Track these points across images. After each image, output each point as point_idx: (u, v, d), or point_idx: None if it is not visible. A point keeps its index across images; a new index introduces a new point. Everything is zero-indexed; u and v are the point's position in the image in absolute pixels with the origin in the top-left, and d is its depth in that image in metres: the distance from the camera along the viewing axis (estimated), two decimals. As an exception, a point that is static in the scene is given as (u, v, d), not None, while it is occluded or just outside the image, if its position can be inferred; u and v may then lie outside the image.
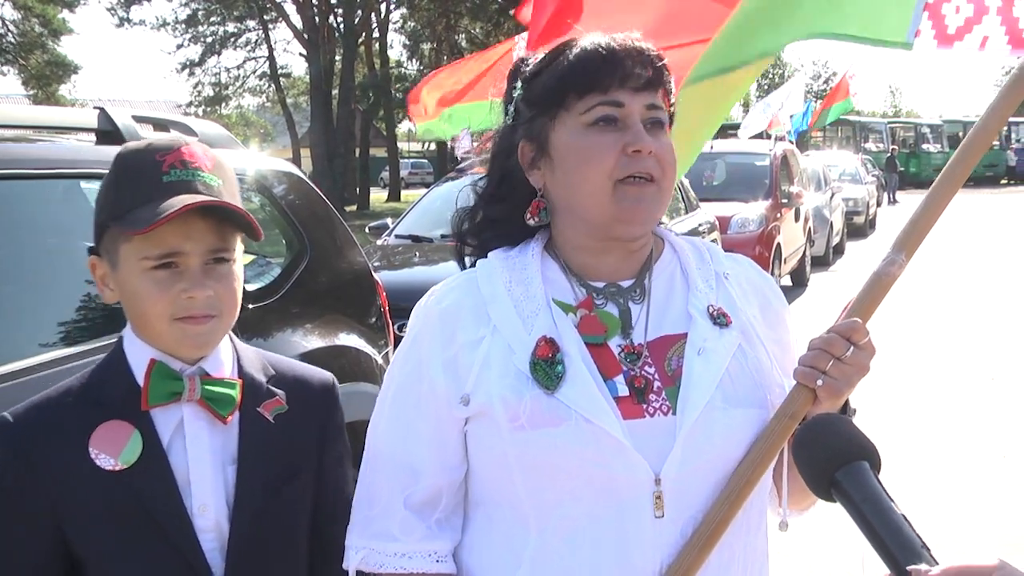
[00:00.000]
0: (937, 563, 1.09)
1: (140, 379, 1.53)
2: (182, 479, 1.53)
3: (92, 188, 3.37)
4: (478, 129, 11.88)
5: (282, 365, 1.70)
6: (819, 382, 1.45)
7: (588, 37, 1.52)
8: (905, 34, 2.08)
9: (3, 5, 35.32)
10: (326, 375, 1.74)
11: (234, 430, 1.58)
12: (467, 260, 1.62)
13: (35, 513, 1.50)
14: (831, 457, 1.22)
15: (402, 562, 1.50)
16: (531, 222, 1.56)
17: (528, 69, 1.57)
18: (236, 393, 1.57)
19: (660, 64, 1.51)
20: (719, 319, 1.52)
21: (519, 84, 1.57)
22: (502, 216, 1.59)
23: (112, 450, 1.50)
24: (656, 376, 1.47)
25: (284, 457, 1.61)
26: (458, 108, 11.28)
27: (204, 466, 1.55)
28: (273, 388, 1.64)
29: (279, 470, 1.60)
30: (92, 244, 1.61)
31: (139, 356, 1.55)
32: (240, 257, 1.61)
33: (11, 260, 2.88)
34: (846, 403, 1.52)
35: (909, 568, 1.09)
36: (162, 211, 1.46)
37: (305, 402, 1.66)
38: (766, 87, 49.12)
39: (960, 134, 43.09)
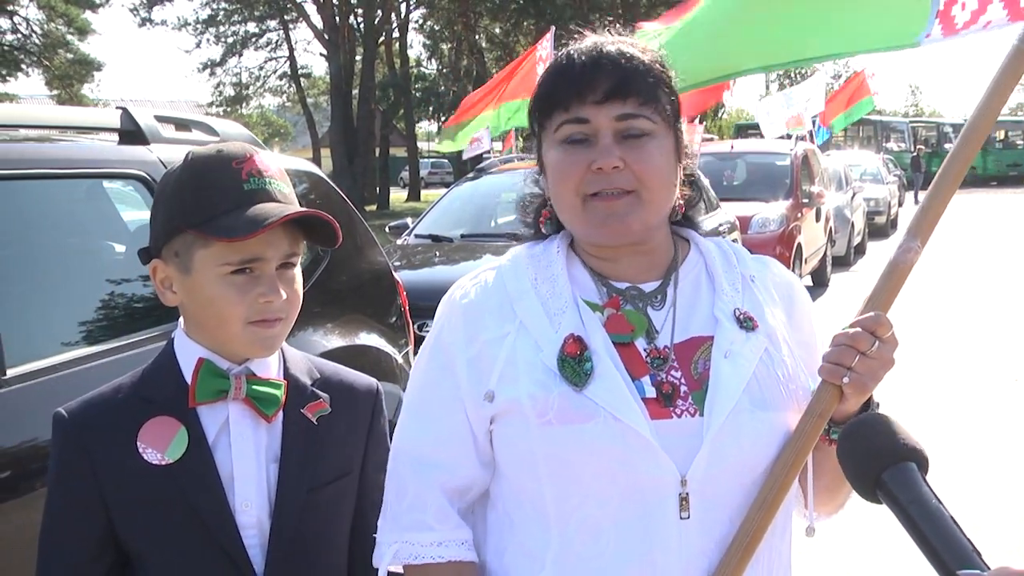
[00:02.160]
0: (988, 568, 1.06)
1: (188, 378, 1.58)
2: (226, 476, 1.56)
3: (114, 188, 3.39)
4: (507, 128, 11.89)
5: (328, 369, 1.73)
6: (845, 379, 1.43)
7: (565, 50, 1.53)
8: (915, 38, 2.10)
9: (27, 6, 35.62)
10: (371, 381, 1.77)
11: (278, 430, 1.61)
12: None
13: (87, 503, 1.54)
14: (877, 457, 1.19)
15: (439, 551, 1.50)
16: (543, 230, 1.60)
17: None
18: (281, 393, 1.61)
19: (627, 68, 1.46)
20: (745, 323, 1.51)
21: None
22: (539, 206, 1.63)
23: (159, 445, 1.54)
24: (683, 380, 1.47)
25: (327, 459, 1.64)
26: (481, 117, 11.32)
27: (248, 464, 1.58)
28: (317, 391, 1.67)
29: (321, 471, 1.63)
30: (146, 247, 1.64)
31: (189, 355, 1.60)
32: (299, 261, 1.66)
33: (35, 259, 2.90)
34: (869, 398, 1.51)
35: (959, 573, 1.07)
36: (259, 219, 1.51)
37: (350, 406, 1.70)
38: (787, 85, 48.92)
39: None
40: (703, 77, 2.31)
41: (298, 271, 1.64)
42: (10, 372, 2.52)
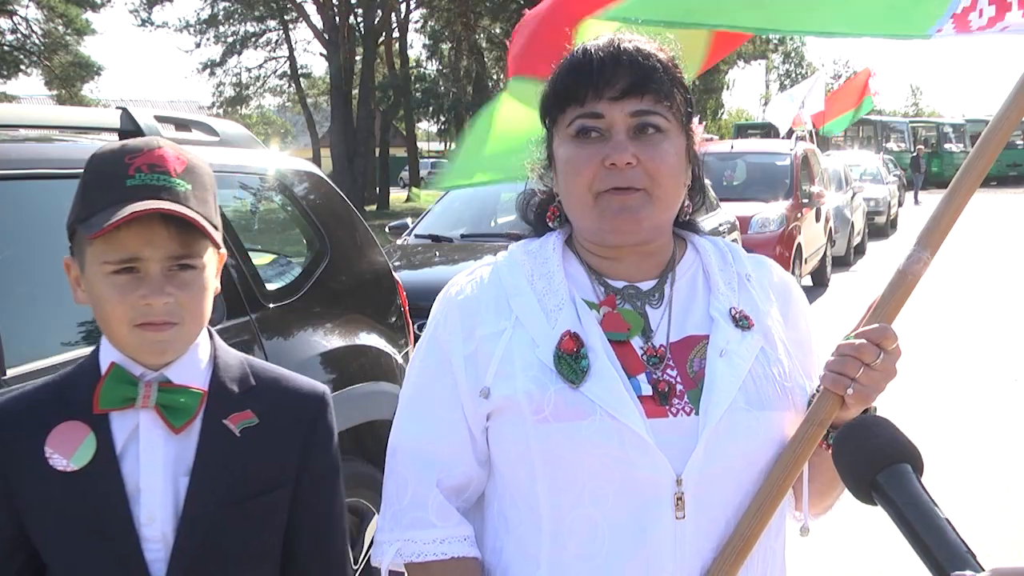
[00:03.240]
0: (983, 569, 1.06)
1: (100, 381, 1.52)
2: (132, 487, 1.49)
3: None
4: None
5: (266, 375, 1.63)
6: (849, 390, 1.43)
7: (582, 44, 1.52)
8: (927, 30, 2.06)
9: (27, 6, 35.62)
10: (316, 387, 1.66)
11: (193, 441, 1.52)
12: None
13: None
14: (872, 459, 1.20)
15: (442, 548, 1.49)
16: (551, 224, 1.60)
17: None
18: (195, 403, 1.52)
19: (646, 66, 1.47)
20: (741, 322, 1.51)
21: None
22: (544, 203, 1.62)
23: (66, 451, 1.48)
24: (678, 379, 1.47)
25: (249, 472, 1.54)
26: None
27: (156, 475, 1.50)
28: (246, 399, 1.57)
29: (240, 485, 1.53)
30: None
31: (105, 359, 1.54)
32: (212, 264, 1.55)
33: (35, 259, 2.90)
34: None
35: (954, 574, 1.07)
36: (115, 216, 1.43)
37: (284, 416, 1.59)
38: (788, 85, 48.90)
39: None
40: (679, 17, 2.16)
41: (207, 274, 1.54)
42: (10, 372, 2.52)
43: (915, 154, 35.39)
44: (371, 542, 3.72)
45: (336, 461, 1.66)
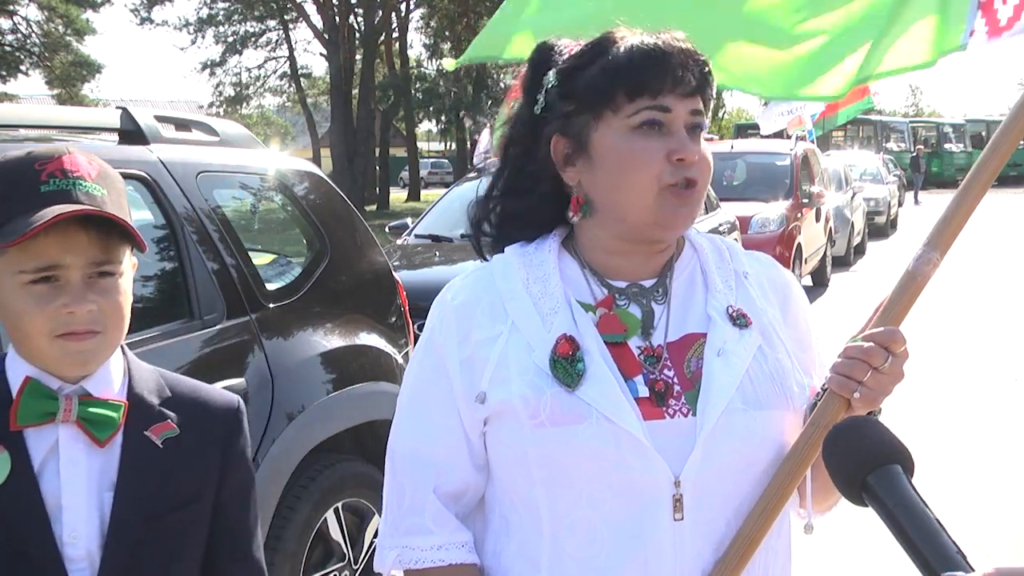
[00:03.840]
0: (973, 569, 1.06)
1: (15, 397, 1.45)
2: (53, 506, 1.43)
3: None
4: None
5: (182, 387, 1.59)
6: (856, 394, 1.42)
7: (636, 35, 1.49)
8: (960, 37, 2.07)
9: (27, 6, 35.62)
10: (231, 398, 1.63)
11: (115, 454, 1.48)
12: (486, 253, 1.60)
13: None
14: (863, 460, 1.19)
15: (439, 554, 1.48)
16: (574, 220, 1.54)
17: (564, 60, 1.52)
18: (118, 415, 1.48)
19: (707, 69, 1.49)
20: (739, 320, 1.50)
21: (552, 75, 1.52)
22: (523, 211, 1.56)
23: None
24: (675, 379, 1.46)
25: (172, 484, 1.51)
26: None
27: (78, 492, 1.45)
28: (165, 411, 1.54)
29: (164, 497, 1.49)
30: None
31: (17, 374, 1.47)
32: (129, 271, 1.51)
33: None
34: None
35: (944, 575, 1.07)
36: (34, 222, 1.37)
37: (203, 427, 1.56)
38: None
39: (983, 133, 42.62)
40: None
41: (125, 281, 1.49)
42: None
43: (915, 154, 35.39)
44: (371, 542, 3.74)
45: (252, 471, 1.65)
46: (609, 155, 1.47)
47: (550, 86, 1.51)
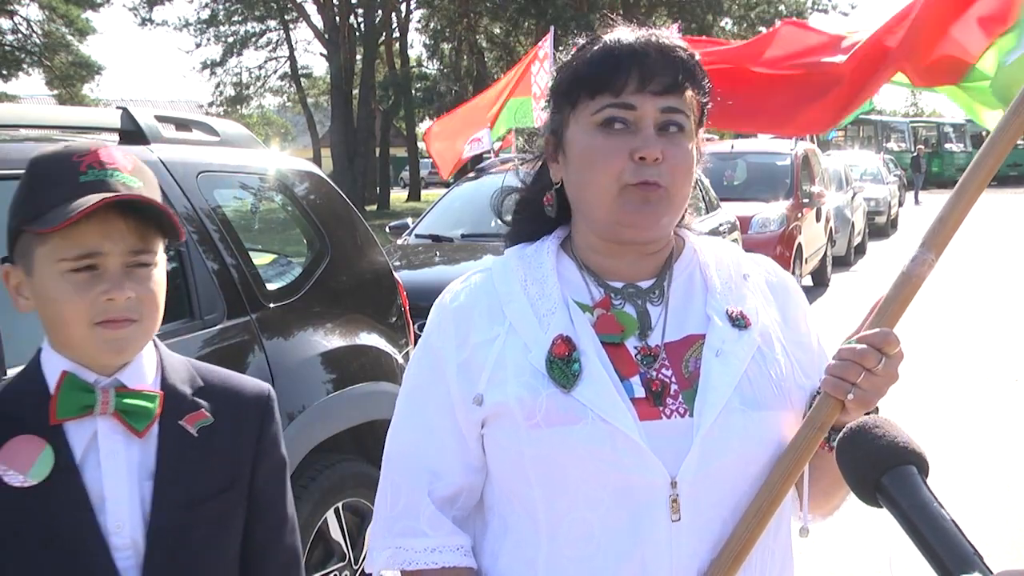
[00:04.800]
0: (991, 572, 1.06)
1: (53, 391, 1.47)
2: (96, 496, 1.46)
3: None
4: (519, 125, 11.87)
5: (212, 376, 1.63)
6: (850, 396, 1.41)
7: (614, 32, 1.49)
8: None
9: (28, 5, 35.63)
10: (262, 386, 1.67)
11: (152, 444, 1.51)
12: (505, 241, 1.63)
13: None
14: (877, 461, 1.17)
15: (433, 557, 1.48)
16: (547, 210, 1.57)
17: (565, 59, 1.55)
18: (154, 406, 1.51)
19: (688, 65, 1.47)
20: (738, 321, 1.50)
21: (555, 72, 1.56)
22: (532, 197, 1.60)
23: (21, 466, 1.43)
24: (673, 379, 1.46)
25: (209, 472, 1.54)
26: (512, 102, 11.24)
27: (119, 482, 1.48)
28: (198, 400, 1.57)
29: (202, 485, 1.53)
30: (5, 254, 1.56)
31: (54, 367, 1.49)
32: (163, 262, 1.54)
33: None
34: None
35: None
36: (77, 207, 1.40)
37: (236, 414, 1.60)
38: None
39: (984, 134, 42.42)
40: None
41: (159, 272, 1.52)
42: (11, 372, 2.52)
43: (915, 154, 35.37)
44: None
45: (285, 458, 1.68)
46: (577, 153, 1.48)
47: (551, 85, 1.55)
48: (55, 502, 1.44)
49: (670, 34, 1.50)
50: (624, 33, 1.49)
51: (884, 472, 1.16)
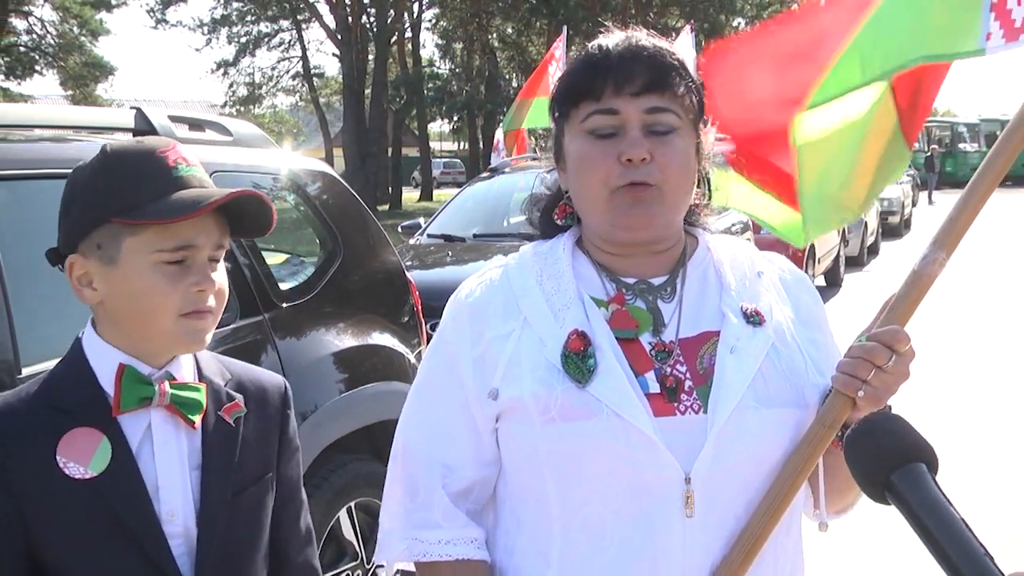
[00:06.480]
0: (1002, 573, 1.05)
1: (105, 384, 1.51)
2: (151, 486, 1.51)
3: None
4: (535, 126, 11.86)
5: (237, 369, 1.68)
6: (860, 393, 1.42)
7: (598, 39, 1.52)
8: (977, 41, 2.05)
9: (42, 6, 35.80)
10: (278, 377, 1.74)
11: (198, 435, 1.56)
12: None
13: (7, 522, 1.45)
14: (885, 459, 1.16)
15: (447, 549, 1.50)
16: (559, 222, 1.60)
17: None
18: (203, 397, 1.56)
19: (665, 63, 1.47)
20: (752, 318, 1.51)
21: (557, 80, 1.57)
22: (550, 205, 1.63)
23: (81, 458, 1.46)
24: (687, 375, 1.46)
25: (248, 460, 1.60)
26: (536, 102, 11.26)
27: (172, 472, 1.53)
28: (232, 392, 1.63)
29: (242, 473, 1.59)
30: (53, 248, 1.59)
31: (104, 360, 1.52)
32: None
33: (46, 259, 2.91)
34: None
35: None
36: (197, 200, 1.47)
37: (262, 405, 1.66)
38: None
39: (998, 133, 42.01)
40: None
41: (223, 266, 1.58)
42: (25, 371, 2.54)
43: (929, 154, 35.23)
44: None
45: (299, 447, 1.75)
46: (572, 161, 1.51)
47: (554, 92, 1.57)
48: (115, 492, 1.47)
49: (646, 35, 1.51)
50: (605, 39, 1.51)
51: (894, 470, 1.15)
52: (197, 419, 1.54)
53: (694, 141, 1.51)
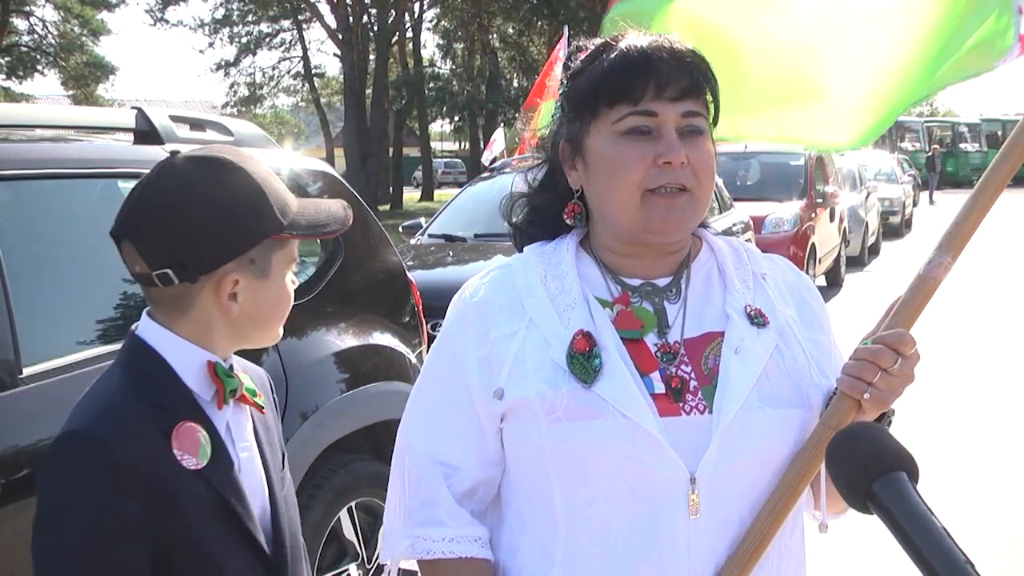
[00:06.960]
0: None
1: (187, 380, 1.56)
2: (235, 469, 1.60)
3: (129, 187, 3.42)
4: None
5: (238, 361, 1.72)
6: (866, 395, 1.43)
7: (626, 39, 1.50)
8: (1008, 48, 2.04)
9: (43, 6, 35.82)
10: (260, 368, 1.82)
11: (250, 419, 1.67)
12: (516, 245, 1.65)
13: (141, 521, 1.48)
14: (867, 468, 1.18)
15: (451, 547, 1.50)
16: (569, 222, 1.58)
17: (574, 65, 1.56)
18: (255, 386, 1.68)
19: (700, 69, 1.49)
20: (756, 319, 1.51)
21: (565, 79, 1.56)
22: (544, 205, 1.61)
23: (193, 450, 1.54)
24: (692, 375, 1.47)
25: (278, 442, 1.74)
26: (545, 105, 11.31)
27: (250, 456, 1.64)
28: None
29: (280, 453, 1.73)
30: (173, 266, 1.54)
31: (187, 357, 1.57)
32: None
33: (50, 258, 2.92)
34: None
35: None
36: (335, 213, 1.72)
37: (265, 392, 1.75)
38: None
39: (999, 133, 42.35)
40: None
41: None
42: (26, 371, 2.54)
43: (930, 154, 35.23)
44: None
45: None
46: (599, 161, 1.49)
47: (562, 90, 1.56)
48: (221, 479, 1.56)
49: (678, 38, 1.51)
50: (636, 39, 1.50)
51: (875, 479, 1.15)
52: (262, 407, 1.67)
53: (712, 143, 1.52)
